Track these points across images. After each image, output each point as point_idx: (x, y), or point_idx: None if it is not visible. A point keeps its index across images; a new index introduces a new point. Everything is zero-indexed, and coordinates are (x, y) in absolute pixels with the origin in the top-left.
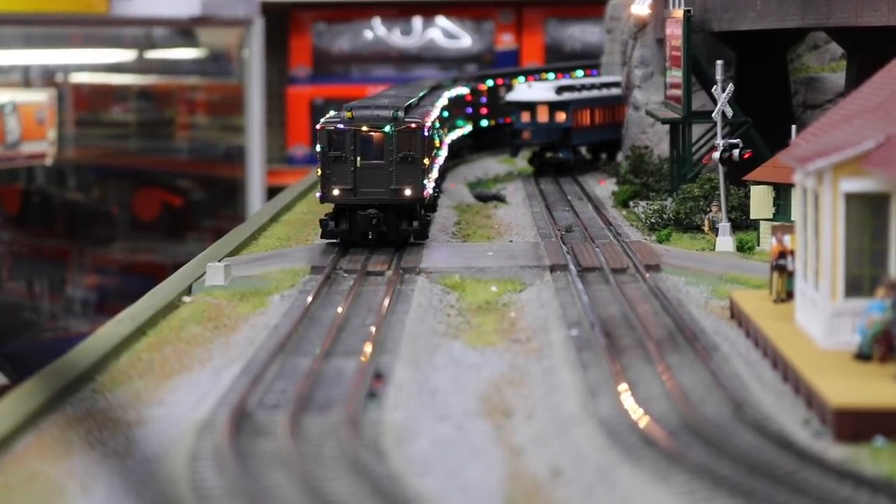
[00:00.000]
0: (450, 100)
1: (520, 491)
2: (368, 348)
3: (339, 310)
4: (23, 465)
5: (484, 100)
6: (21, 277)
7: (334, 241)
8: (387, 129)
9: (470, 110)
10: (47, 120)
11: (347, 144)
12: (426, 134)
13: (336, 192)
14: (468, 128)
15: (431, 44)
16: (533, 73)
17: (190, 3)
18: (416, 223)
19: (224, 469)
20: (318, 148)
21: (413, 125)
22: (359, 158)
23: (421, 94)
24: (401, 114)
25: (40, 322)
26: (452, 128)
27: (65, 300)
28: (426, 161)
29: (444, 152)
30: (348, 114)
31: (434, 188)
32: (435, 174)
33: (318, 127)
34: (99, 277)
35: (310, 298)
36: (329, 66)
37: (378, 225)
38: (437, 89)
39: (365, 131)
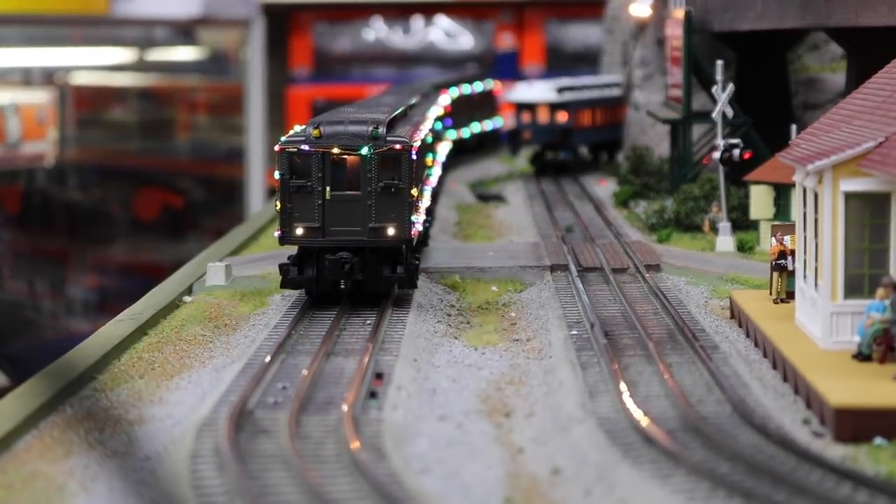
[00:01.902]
0: (447, 104)
1: (519, 490)
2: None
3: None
4: (23, 464)
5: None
6: (22, 277)
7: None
8: (364, 150)
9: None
10: (48, 121)
11: (314, 170)
12: (414, 157)
13: (299, 230)
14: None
15: (432, 44)
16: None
17: (190, 3)
18: (400, 269)
19: (224, 468)
20: (276, 175)
21: (398, 146)
22: (328, 188)
23: (412, 100)
24: (381, 130)
25: (41, 321)
26: (469, 122)
27: (65, 300)
28: (414, 191)
29: (436, 171)
30: (315, 131)
31: (425, 220)
32: (426, 202)
33: (276, 148)
34: (99, 277)
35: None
36: (329, 67)
37: (352, 272)
38: (432, 93)
39: (336, 154)
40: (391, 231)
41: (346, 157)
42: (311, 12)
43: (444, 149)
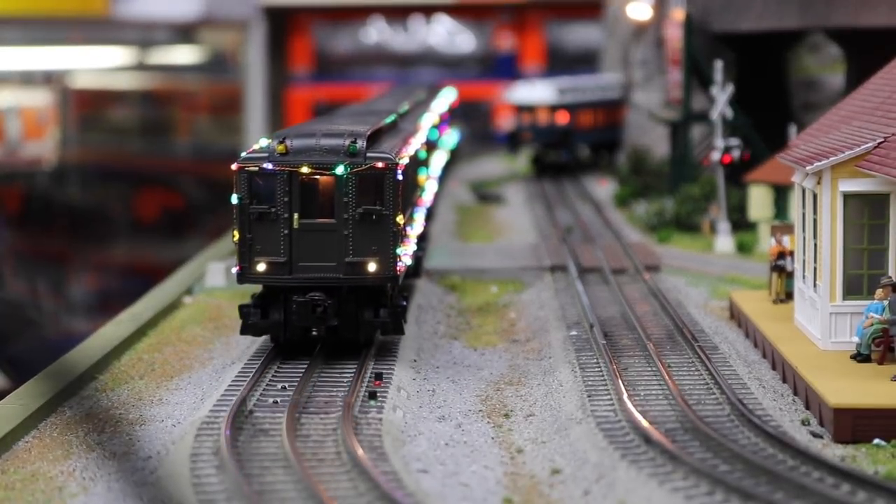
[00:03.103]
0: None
1: (518, 490)
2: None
3: None
4: (24, 464)
5: None
6: (22, 278)
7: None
8: (339, 169)
9: None
10: (49, 122)
11: (279, 194)
12: (399, 177)
13: (262, 266)
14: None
15: (432, 45)
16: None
17: (190, 4)
18: (384, 312)
19: (224, 468)
20: (234, 199)
21: (380, 164)
22: (296, 215)
23: (403, 107)
24: (360, 145)
25: (41, 322)
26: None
27: (66, 300)
28: (400, 219)
29: (431, 188)
30: (280, 146)
31: (417, 247)
32: (418, 228)
33: (233, 167)
34: (100, 278)
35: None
36: (330, 67)
37: (325, 317)
38: (428, 97)
39: (306, 174)
40: (372, 267)
41: (317, 177)
42: (311, 13)
43: (439, 161)
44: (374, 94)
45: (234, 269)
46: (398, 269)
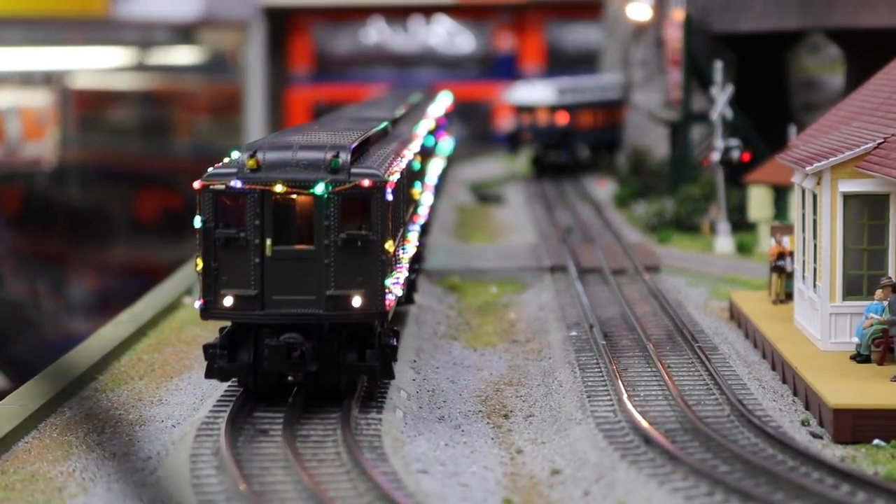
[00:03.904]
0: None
1: (518, 491)
2: None
3: None
4: (23, 465)
5: None
6: (22, 278)
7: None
8: (319, 188)
9: None
10: (49, 122)
11: (249, 216)
12: (389, 197)
13: (228, 300)
14: None
15: (432, 45)
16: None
17: (190, 4)
18: (371, 354)
19: (223, 469)
20: (196, 222)
21: (366, 182)
22: (269, 241)
23: (398, 112)
24: (344, 159)
25: (41, 322)
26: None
27: (65, 301)
28: (389, 245)
29: (427, 200)
30: (250, 160)
31: (410, 271)
32: (410, 249)
33: (196, 185)
34: (99, 278)
35: None
36: (329, 68)
37: (303, 363)
38: (424, 101)
39: (281, 193)
40: (357, 301)
41: (294, 197)
42: (311, 14)
43: (435, 169)
44: (368, 98)
45: (197, 303)
46: (387, 303)
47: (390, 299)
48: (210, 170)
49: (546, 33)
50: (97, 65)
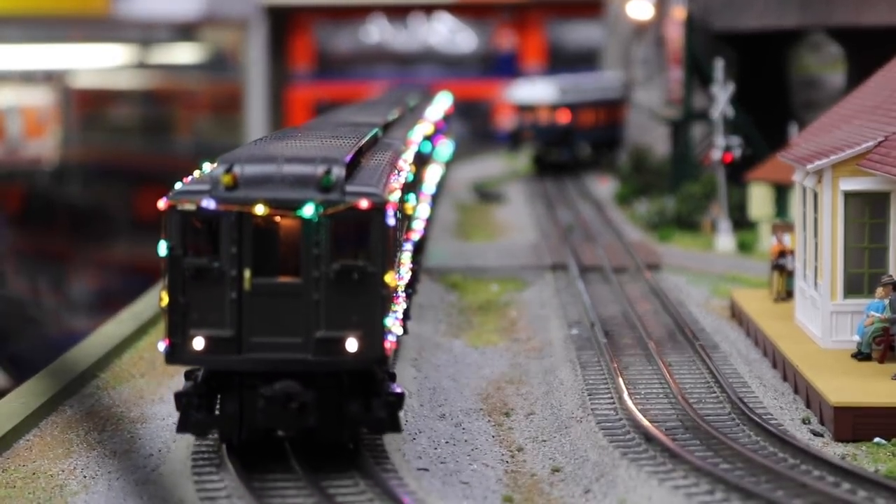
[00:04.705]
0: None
1: (519, 489)
2: None
3: None
4: (25, 463)
5: None
6: (23, 276)
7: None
8: (307, 210)
9: None
10: (50, 121)
11: (224, 242)
12: (391, 220)
13: (199, 342)
14: None
15: (433, 44)
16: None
17: (191, 3)
18: (378, 404)
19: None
20: (161, 249)
21: (364, 203)
22: (248, 273)
23: (391, 115)
24: (337, 175)
25: (42, 320)
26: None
27: (66, 299)
28: (390, 278)
29: (423, 212)
30: (226, 176)
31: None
32: (405, 276)
33: (160, 204)
34: (101, 276)
35: None
36: (330, 66)
37: (304, 416)
38: (421, 103)
39: (262, 215)
40: (352, 344)
41: (278, 220)
42: (312, 12)
43: (433, 177)
44: (362, 99)
45: (162, 345)
46: (387, 346)
47: (391, 341)
48: (178, 186)
49: (547, 31)
50: (98, 64)
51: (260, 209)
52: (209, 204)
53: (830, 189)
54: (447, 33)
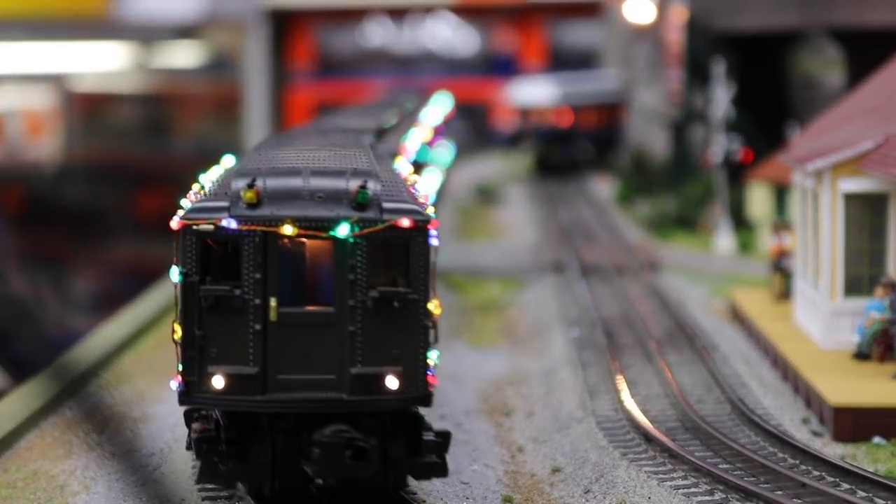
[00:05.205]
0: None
1: (519, 489)
2: None
3: None
4: (25, 463)
5: None
6: (25, 276)
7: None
8: (342, 230)
9: None
10: (51, 124)
11: (247, 268)
12: (434, 241)
13: (218, 381)
14: None
15: (433, 44)
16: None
17: (192, 4)
18: (426, 444)
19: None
20: (173, 275)
21: (405, 221)
22: (274, 302)
23: (389, 121)
24: (374, 189)
25: (43, 321)
26: None
27: (67, 299)
28: (434, 305)
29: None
30: (248, 192)
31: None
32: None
33: (174, 224)
34: (101, 277)
35: None
36: (332, 67)
37: (367, 463)
38: (419, 106)
39: (291, 236)
40: (392, 382)
41: (304, 241)
42: (313, 14)
43: (432, 184)
44: (357, 104)
45: (175, 384)
46: (431, 381)
47: (433, 377)
48: (191, 203)
49: (547, 32)
50: (98, 67)
51: (288, 229)
52: (229, 224)
53: (830, 190)
54: (448, 34)
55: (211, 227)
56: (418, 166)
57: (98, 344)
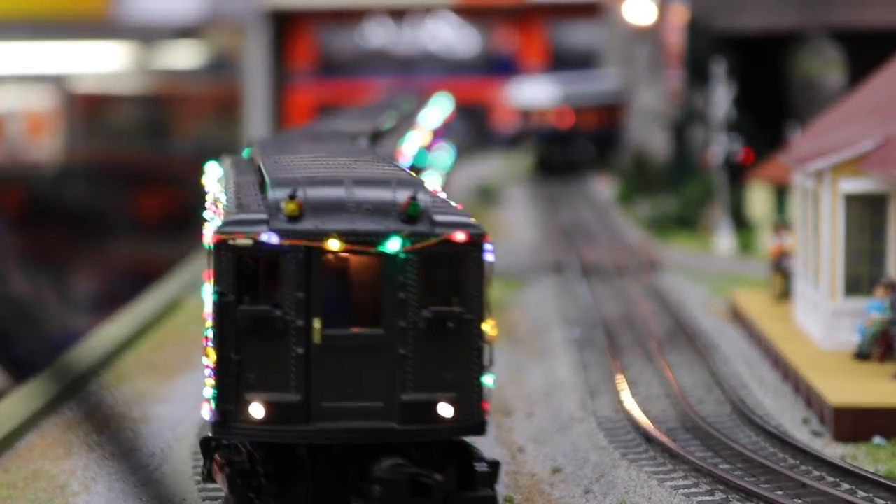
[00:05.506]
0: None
1: (519, 489)
2: None
3: None
4: (26, 463)
5: None
6: (26, 277)
7: None
8: (392, 245)
9: None
10: (52, 125)
11: (288, 285)
12: (489, 257)
13: (258, 410)
14: None
15: (434, 45)
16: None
17: (193, 4)
18: (481, 475)
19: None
20: (209, 295)
21: (460, 235)
22: (318, 323)
23: (386, 124)
24: (425, 201)
25: (43, 321)
26: None
27: (68, 300)
28: (489, 326)
29: None
30: (290, 204)
31: None
32: None
33: (210, 239)
34: (102, 277)
35: None
36: (332, 67)
37: (426, 500)
38: (417, 108)
39: (336, 252)
40: (446, 410)
41: (350, 257)
42: (313, 15)
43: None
44: (354, 106)
45: (206, 414)
46: (486, 409)
47: (488, 405)
48: (226, 216)
49: (548, 32)
50: (99, 68)
51: (334, 244)
52: (270, 238)
53: (830, 190)
54: (448, 34)
55: (249, 241)
56: (416, 171)
57: (98, 344)
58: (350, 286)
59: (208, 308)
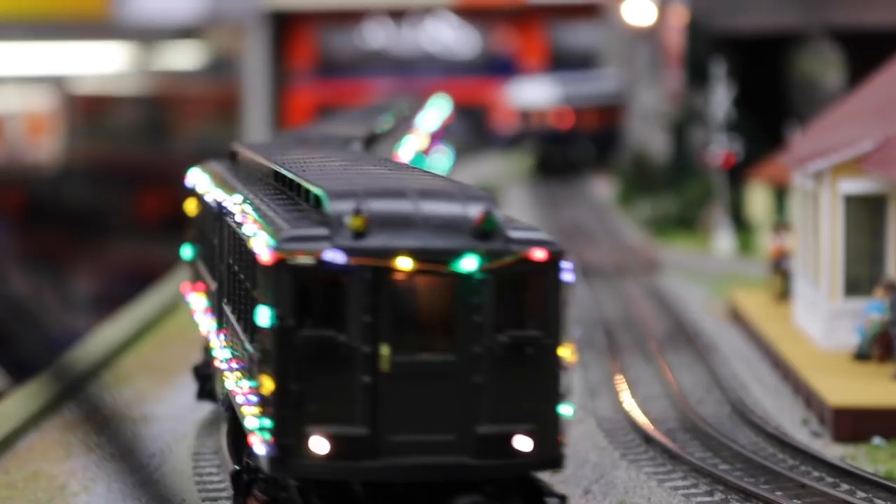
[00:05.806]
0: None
1: None
2: None
3: None
4: (26, 463)
5: None
6: (26, 277)
7: None
8: (467, 264)
9: None
10: (52, 125)
11: (353, 308)
12: (569, 277)
13: (322, 444)
14: None
15: (434, 45)
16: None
17: (192, 5)
18: None
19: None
20: (264, 318)
21: (539, 253)
22: (385, 348)
23: (382, 128)
24: (499, 217)
25: (43, 322)
26: None
27: (68, 300)
28: (568, 350)
29: None
30: (356, 219)
31: None
32: None
33: (265, 257)
34: (102, 278)
35: None
36: (332, 68)
37: None
38: (414, 111)
39: (406, 272)
40: (524, 443)
41: (422, 277)
42: (313, 15)
43: None
44: (351, 109)
45: (264, 449)
46: (562, 442)
47: (565, 437)
48: (285, 232)
49: (547, 33)
50: (99, 69)
51: (404, 262)
52: (335, 257)
53: (830, 190)
54: (448, 35)
55: (312, 260)
56: None
57: (98, 344)
58: (420, 309)
59: (260, 330)
